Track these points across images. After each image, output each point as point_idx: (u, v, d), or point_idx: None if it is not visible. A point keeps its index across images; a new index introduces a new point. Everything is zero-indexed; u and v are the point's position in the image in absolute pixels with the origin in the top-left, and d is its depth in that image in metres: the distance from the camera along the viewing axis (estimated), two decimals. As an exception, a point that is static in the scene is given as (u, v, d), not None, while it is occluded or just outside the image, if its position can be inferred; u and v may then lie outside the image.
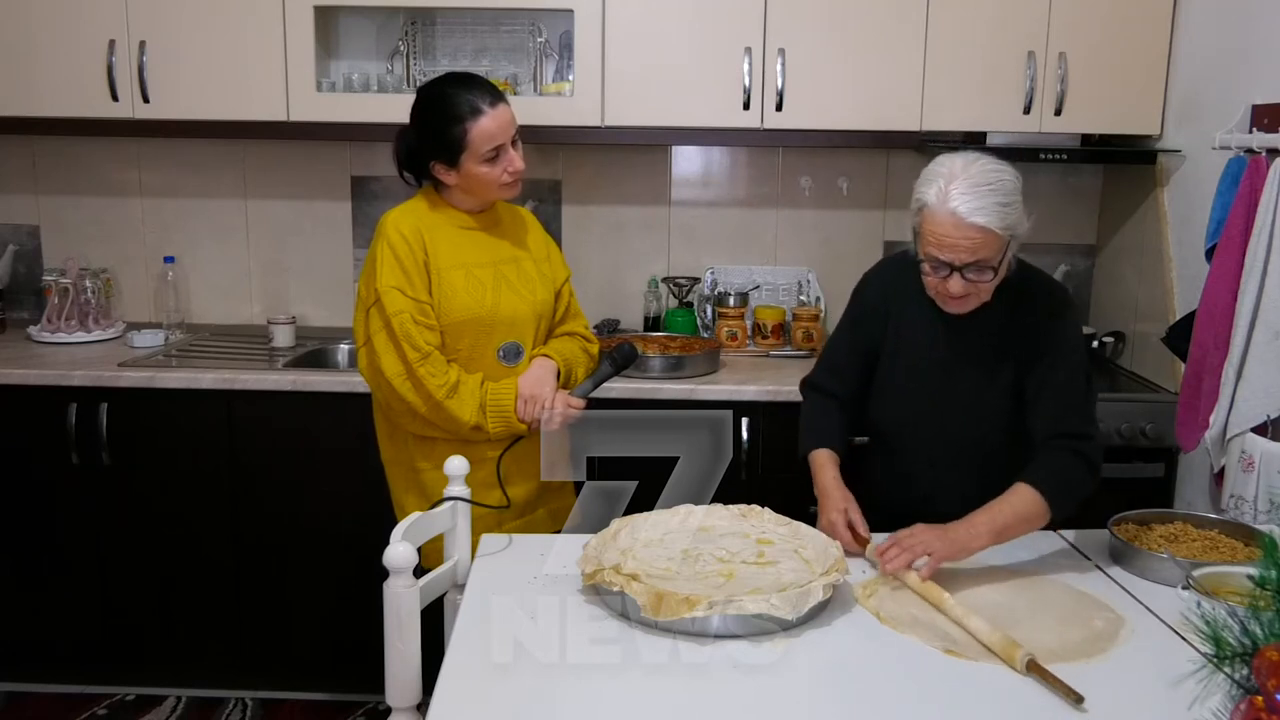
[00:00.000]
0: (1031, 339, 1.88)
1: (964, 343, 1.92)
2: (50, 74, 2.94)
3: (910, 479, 2.00)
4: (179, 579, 2.89)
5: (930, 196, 1.76)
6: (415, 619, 1.57)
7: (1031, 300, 1.90)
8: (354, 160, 3.37)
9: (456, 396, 2.05)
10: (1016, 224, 1.76)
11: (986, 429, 1.94)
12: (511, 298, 2.15)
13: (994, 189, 1.73)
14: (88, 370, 2.80)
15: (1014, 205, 1.75)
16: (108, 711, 2.92)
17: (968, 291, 1.79)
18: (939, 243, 1.75)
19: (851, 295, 2.10)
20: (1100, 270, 3.35)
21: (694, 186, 3.39)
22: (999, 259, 1.78)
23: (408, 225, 2.08)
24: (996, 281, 1.81)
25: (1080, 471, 1.81)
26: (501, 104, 2.06)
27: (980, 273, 1.77)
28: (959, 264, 1.76)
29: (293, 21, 2.91)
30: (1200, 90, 2.77)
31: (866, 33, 2.89)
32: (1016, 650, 1.44)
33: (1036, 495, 1.75)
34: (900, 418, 2.01)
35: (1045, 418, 1.85)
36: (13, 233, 3.42)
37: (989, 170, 1.75)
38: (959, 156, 1.79)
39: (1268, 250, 2.21)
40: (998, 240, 1.75)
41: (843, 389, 2.07)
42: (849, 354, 2.06)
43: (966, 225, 1.72)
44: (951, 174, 1.75)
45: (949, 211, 1.72)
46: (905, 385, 1.99)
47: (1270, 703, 0.99)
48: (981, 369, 1.92)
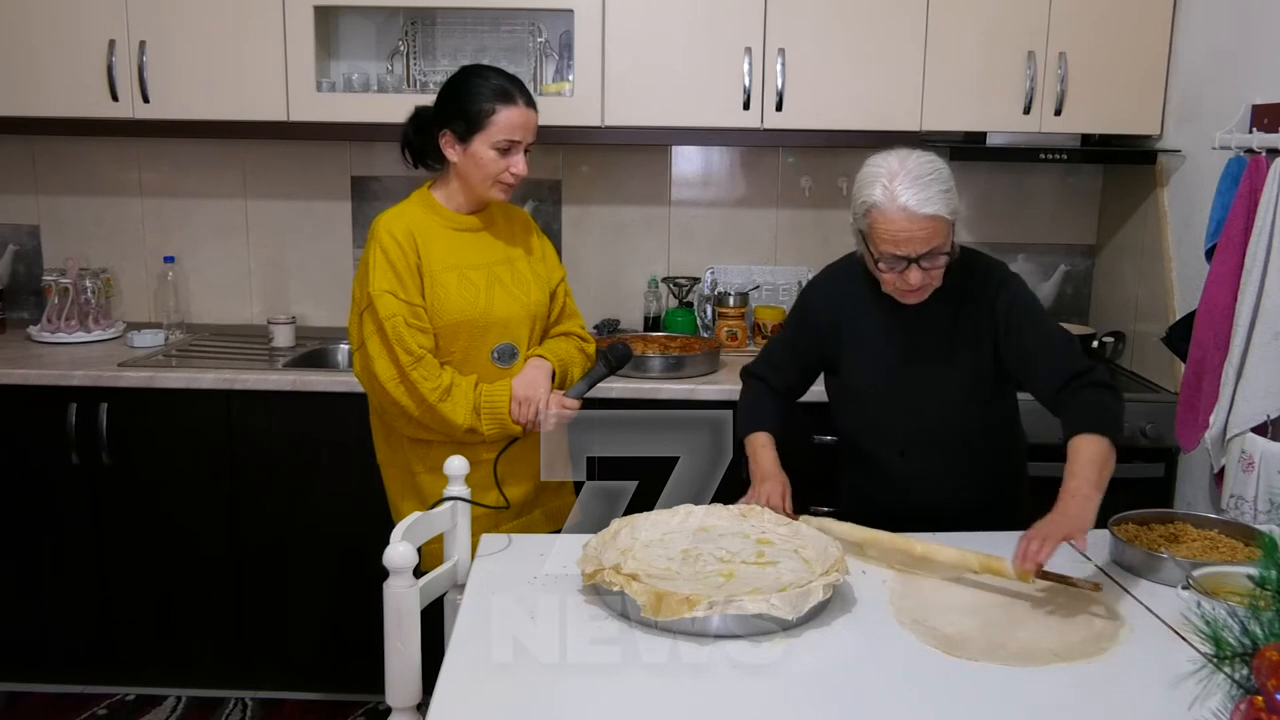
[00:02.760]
0: (988, 316, 1.93)
1: (919, 334, 1.97)
2: (50, 74, 2.94)
3: (884, 473, 2.04)
4: (179, 579, 2.89)
5: (877, 195, 1.80)
6: (415, 619, 1.57)
7: (974, 278, 1.95)
8: (354, 160, 3.37)
9: (450, 399, 2.05)
10: (958, 207, 1.83)
11: (952, 413, 1.98)
12: (505, 299, 2.15)
13: (935, 178, 1.79)
14: (88, 370, 2.80)
15: (953, 190, 1.82)
16: (108, 711, 2.92)
17: (925, 281, 1.85)
18: (894, 239, 1.80)
19: (796, 300, 2.17)
20: (1100, 270, 3.35)
21: (694, 186, 3.39)
22: (949, 243, 1.83)
23: (400, 228, 2.08)
24: (941, 272, 1.86)
25: (1110, 398, 1.84)
26: (533, 109, 2.11)
27: (935, 259, 1.83)
28: (915, 255, 1.81)
29: (293, 21, 2.91)
30: (1200, 90, 2.77)
31: (866, 33, 2.89)
32: (1002, 563, 1.47)
33: (1099, 439, 1.76)
34: (868, 418, 2.05)
35: (1047, 373, 1.88)
36: (13, 233, 3.42)
37: (924, 162, 1.81)
38: (891, 154, 1.84)
39: (1268, 250, 2.21)
40: (947, 226, 1.81)
41: (779, 383, 2.15)
42: (790, 355, 2.14)
43: (919, 217, 1.77)
44: (891, 172, 1.80)
45: (899, 207, 1.78)
46: (868, 388, 2.02)
47: (1270, 703, 0.99)
48: (940, 356, 1.96)
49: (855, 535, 1.80)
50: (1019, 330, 1.91)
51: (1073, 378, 1.85)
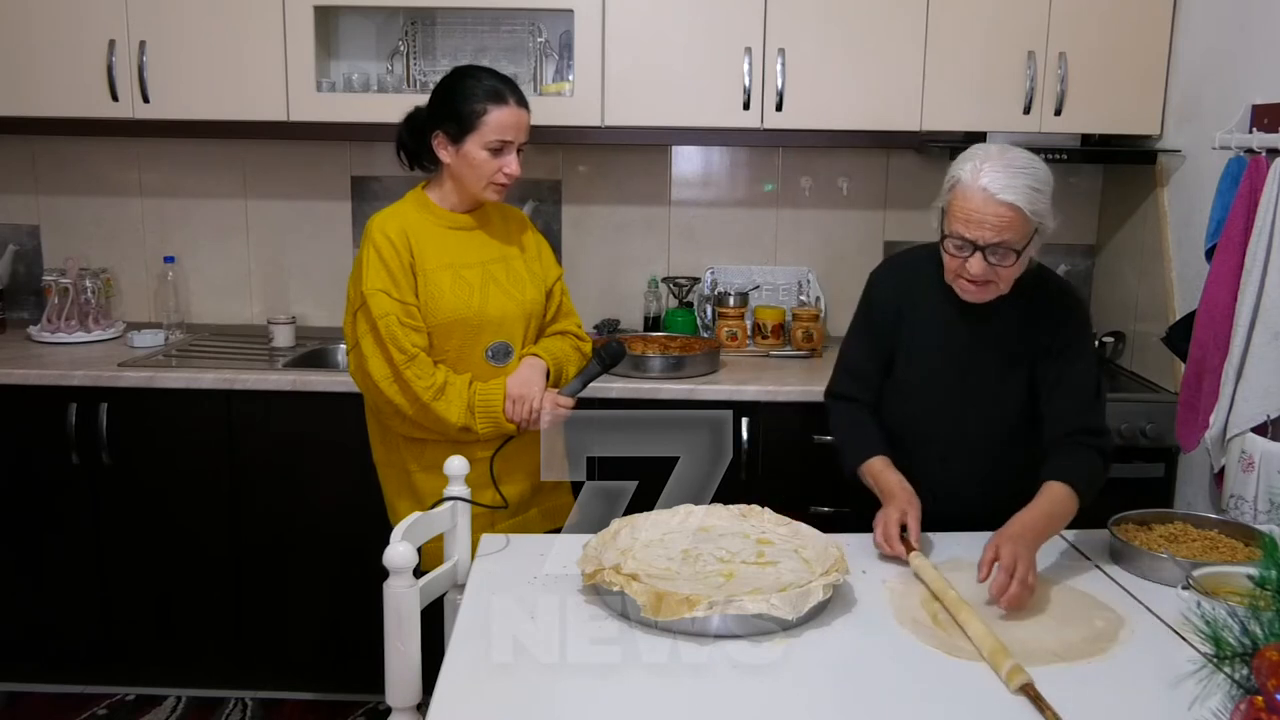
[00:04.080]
0: (1047, 336, 1.90)
1: (979, 339, 1.93)
2: (50, 74, 2.94)
3: (922, 476, 1.97)
4: (179, 579, 2.89)
5: (964, 173, 1.78)
6: (415, 619, 1.57)
7: (1046, 298, 1.92)
8: (354, 160, 3.37)
9: (444, 398, 2.05)
10: (1044, 213, 1.78)
11: (999, 426, 1.95)
12: (500, 298, 2.15)
13: (1027, 172, 1.76)
14: (88, 370, 2.80)
15: (1044, 194, 1.77)
16: (108, 711, 2.92)
17: (987, 277, 1.79)
18: (966, 218, 1.76)
19: (862, 297, 2.08)
20: (1100, 270, 3.35)
21: (694, 186, 3.39)
22: (1022, 244, 1.78)
23: (393, 227, 2.08)
24: (1016, 271, 1.81)
25: (1099, 468, 1.84)
26: (525, 109, 2.11)
27: (1002, 256, 1.77)
28: (983, 243, 1.76)
29: (293, 21, 2.91)
30: (1200, 90, 2.77)
31: (866, 33, 2.89)
32: (1006, 662, 1.42)
33: (1071, 496, 1.78)
34: (914, 415, 2.00)
35: (1062, 413, 1.87)
36: (13, 233, 3.42)
37: (1024, 156, 1.79)
38: (996, 144, 1.82)
39: (1268, 250, 2.21)
40: (1024, 223, 1.76)
41: (868, 394, 2.04)
42: (868, 357, 2.04)
43: (996, 202, 1.73)
44: (987, 155, 1.78)
45: (980, 187, 1.74)
46: (920, 383, 1.98)
47: (1270, 703, 0.99)
48: (996, 366, 1.93)
49: (936, 584, 1.68)
50: (1062, 361, 1.88)
51: (1081, 431, 1.85)
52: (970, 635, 1.52)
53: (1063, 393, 1.87)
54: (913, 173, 3.34)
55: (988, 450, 1.96)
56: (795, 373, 2.94)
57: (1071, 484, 1.78)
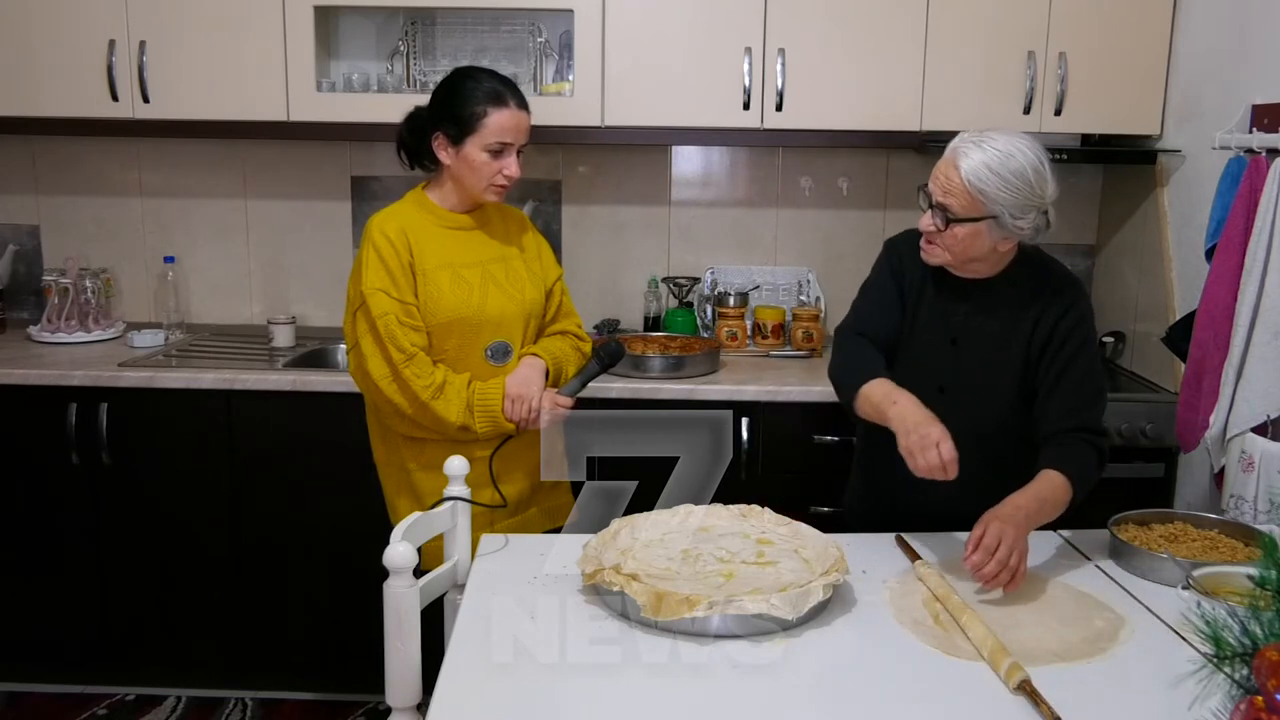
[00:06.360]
0: (1047, 327, 1.90)
1: (977, 323, 1.93)
2: (50, 74, 2.94)
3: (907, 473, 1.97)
4: (179, 579, 2.89)
5: (956, 139, 1.84)
6: (415, 619, 1.57)
7: (1049, 283, 1.92)
8: (354, 160, 3.37)
9: (442, 397, 2.05)
10: (998, 201, 1.77)
11: (992, 412, 1.94)
12: (499, 297, 2.15)
13: (998, 155, 1.77)
14: (88, 370, 2.80)
15: (1007, 183, 1.76)
16: (108, 711, 2.92)
17: (929, 229, 1.84)
18: (933, 174, 1.84)
19: (878, 259, 2.07)
20: (1100, 270, 3.35)
21: (694, 186, 3.39)
22: (963, 215, 1.80)
23: (393, 227, 2.09)
24: (962, 246, 1.82)
25: (1097, 465, 1.83)
26: (525, 110, 2.11)
27: (941, 219, 1.82)
28: (934, 198, 1.83)
29: (293, 21, 2.91)
30: (1200, 90, 2.77)
31: (866, 33, 2.89)
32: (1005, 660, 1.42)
33: (1066, 486, 1.76)
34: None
35: (1061, 408, 1.86)
36: (13, 233, 3.42)
37: (1010, 141, 1.79)
38: (1009, 129, 1.84)
39: (1268, 250, 2.21)
40: (967, 198, 1.78)
41: (878, 334, 1.99)
42: (880, 303, 2.01)
43: (948, 164, 1.81)
44: (985, 130, 1.82)
45: (950, 149, 1.82)
46: (916, 364, 1.98)
47: (1270, 703, 0.99)
48: (992, 351, 1.93)
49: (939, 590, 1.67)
50: (1064, 355, 1.88)
51: (1080, 428, 1.84)
52: (971, 638, 1.52)
53: (1066, 388, 1.87)
54: (913, 173, 3.33)
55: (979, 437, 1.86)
56: (795, 373, 2.94)
57: (1067, 473, 1.77)
